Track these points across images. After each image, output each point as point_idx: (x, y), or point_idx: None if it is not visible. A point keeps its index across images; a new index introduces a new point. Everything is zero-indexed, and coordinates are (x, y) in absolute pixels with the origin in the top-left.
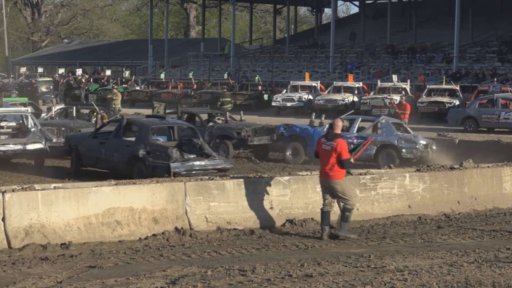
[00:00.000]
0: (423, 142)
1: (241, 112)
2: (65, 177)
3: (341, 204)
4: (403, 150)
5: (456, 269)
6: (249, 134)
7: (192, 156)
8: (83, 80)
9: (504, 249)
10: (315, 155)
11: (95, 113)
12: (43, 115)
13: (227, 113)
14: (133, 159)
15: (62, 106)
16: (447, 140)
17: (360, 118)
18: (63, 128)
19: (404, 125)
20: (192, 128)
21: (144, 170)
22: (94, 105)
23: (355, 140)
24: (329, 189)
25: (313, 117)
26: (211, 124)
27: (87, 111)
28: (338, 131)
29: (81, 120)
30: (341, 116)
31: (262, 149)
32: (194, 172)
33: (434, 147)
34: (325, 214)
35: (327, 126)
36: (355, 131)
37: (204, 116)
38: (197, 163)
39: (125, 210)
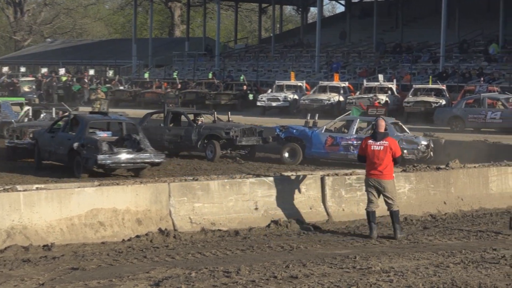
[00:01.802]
0: (424, 142)
1: (229, 112)
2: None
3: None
4: (404, 151)
5: (442, 270)
6: (237, 135)
7: (123, 149)
8: (86, 81)
9: (491, 250)
10: (359, 159)
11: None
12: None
13: (215, 113)
14: (72, 151)
15: (28, 107)
16: (434, 140)
17: (359, 119)
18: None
19: (400, 123)
20: (133, 124)
21: (80, 162)
22: (65, 105)
23: (354, 142)
24: (378, 189)
25: (309, 117)
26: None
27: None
28: (383, 129)
29: None
30: (338, 117)
31: (249, 150)
32: (123, 164)
33: (432, 146)
34: (372, 214)
35: (342, 126)
36: (354, 132)
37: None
38: (125, 156)
39: (108, 211)
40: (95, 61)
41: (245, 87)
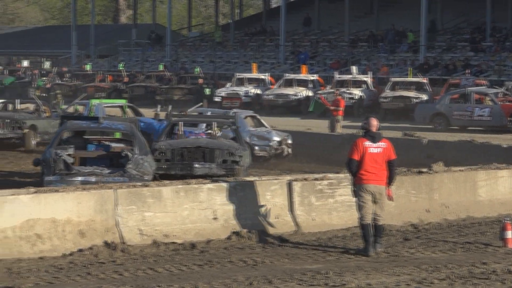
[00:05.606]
0: (276, 138)
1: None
2: None
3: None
4: (256, 148)
5: (425, 286)
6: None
7: (88, 169)
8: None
9: (480, 264)
10: (352, 164)
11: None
12: None
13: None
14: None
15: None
16: (415, 140)
17: (210, 112)
18: (7, 120)
19: (258, 117)
20: (129, 134)
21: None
22: (36, 99)
23: (204, 137)
24: (374, 197)
25: (159, 109)
26: None
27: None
28: (376, 129)
29: (25, 113)
30: (189, 109)
31: None
32: None
33: (290, 141)
34: (369, 227)
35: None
36: (204, 127)
37: None
38: (86, 178)
39: (47, 222)
40: (29, 51)
41: (200, 80)
